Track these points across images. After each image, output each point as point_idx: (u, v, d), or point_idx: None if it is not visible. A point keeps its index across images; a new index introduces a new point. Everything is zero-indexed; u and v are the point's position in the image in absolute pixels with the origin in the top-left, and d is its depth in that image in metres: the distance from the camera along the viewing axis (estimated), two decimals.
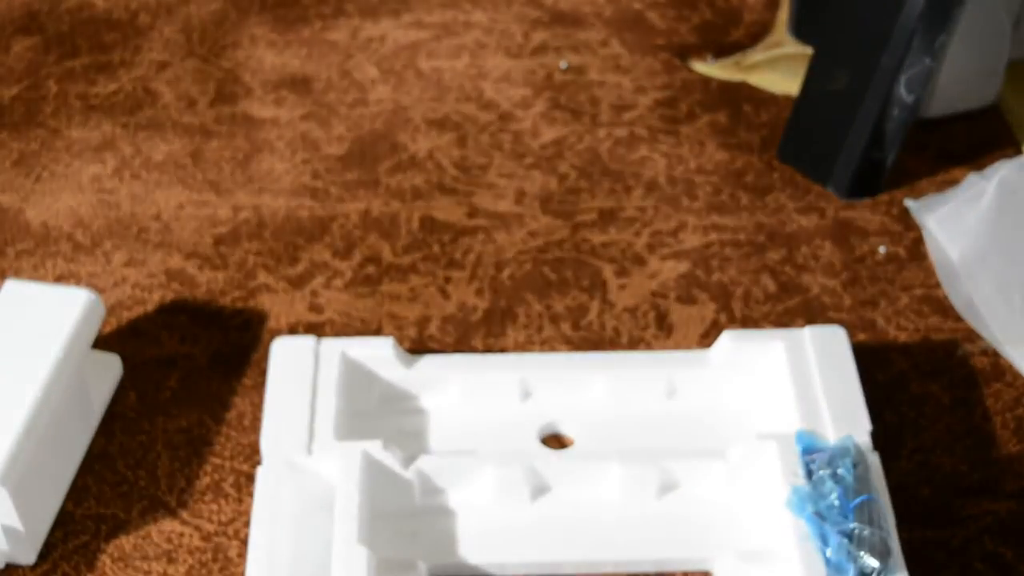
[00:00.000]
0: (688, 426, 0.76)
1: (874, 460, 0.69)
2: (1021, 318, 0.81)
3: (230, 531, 0.72)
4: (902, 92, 0.87)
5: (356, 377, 0.76)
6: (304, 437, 0.71)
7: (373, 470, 0.70)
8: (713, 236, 0.89)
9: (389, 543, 0.70)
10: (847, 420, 0.71)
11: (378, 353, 0.76)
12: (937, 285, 0.85)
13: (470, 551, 0.70)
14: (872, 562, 0.64)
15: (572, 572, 0.70)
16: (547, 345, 0.82)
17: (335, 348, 0.76)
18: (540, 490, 0.72)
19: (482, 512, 0.71)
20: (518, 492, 0.71)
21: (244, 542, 0.71)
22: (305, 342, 0.76)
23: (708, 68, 1.02)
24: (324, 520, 0.69)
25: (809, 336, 0.76)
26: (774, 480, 0.69)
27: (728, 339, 0.76)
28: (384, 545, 0.69)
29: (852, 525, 0.65)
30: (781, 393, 0.75)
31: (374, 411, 0.76)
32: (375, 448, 0.70)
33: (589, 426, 0.76)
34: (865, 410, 0.72)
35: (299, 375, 0.74)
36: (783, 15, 1.02)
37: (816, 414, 0.72)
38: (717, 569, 0.69)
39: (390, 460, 0.70)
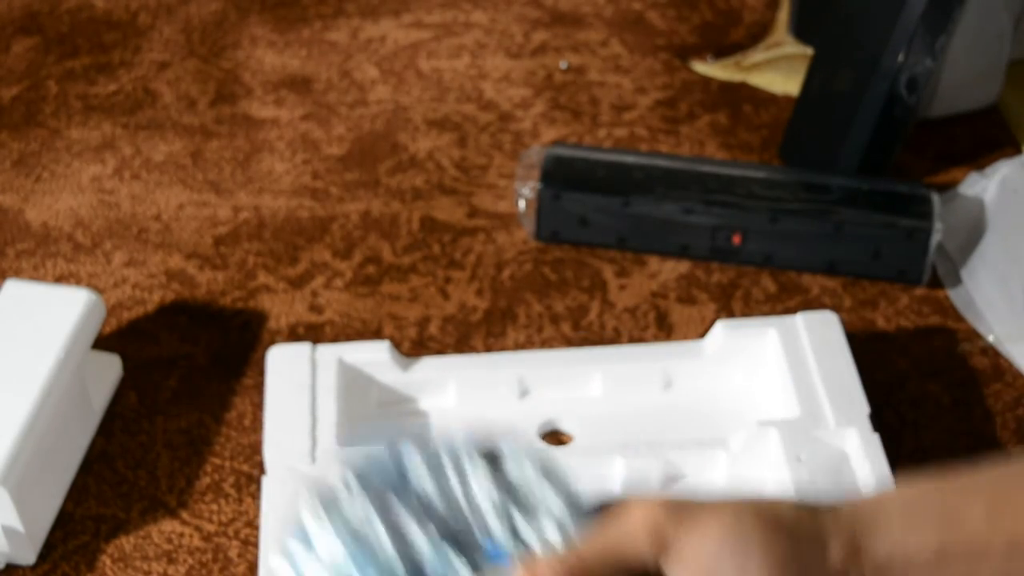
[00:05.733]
0: (686, 417, 0.76)
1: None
2: (1022, 316, 0.81)
3: (230, 531, 0.72)
4: (903, 92, 0.87)
5: (354, 382, 0.75)
6: (307, 445, 0.71)
7: None
8: None
9: None
10: (845, 404, 0.71)
11: (374, 357, 0.76)
12: (938, 285, 0.85)
13: None
14: None
15: None
16: (547, 345, 0.82)
17: (331, 354, 0.75)
18: None
19: None
20: None
21: (244, 542, 0.71)
22: (301, 349, 0.75)
23: (708, 68, 1.02)
24: None
25: (802, 322, 0.76)
26: (776, 466, 0.69)
27: (721, 328, 0.76)
28: None
29: None
30: (777, 380, 0.75)
31: (373, 415, 0.76)
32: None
33: (587, 421, 0.76)
34: (862, 393, 0.72)
35: (297, 383, 0.74)
36: (783, 15, 1.02)
37: (814, 399, 0.72)
38: None
39: None
